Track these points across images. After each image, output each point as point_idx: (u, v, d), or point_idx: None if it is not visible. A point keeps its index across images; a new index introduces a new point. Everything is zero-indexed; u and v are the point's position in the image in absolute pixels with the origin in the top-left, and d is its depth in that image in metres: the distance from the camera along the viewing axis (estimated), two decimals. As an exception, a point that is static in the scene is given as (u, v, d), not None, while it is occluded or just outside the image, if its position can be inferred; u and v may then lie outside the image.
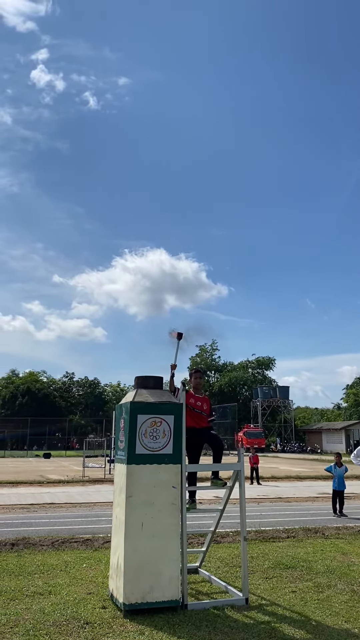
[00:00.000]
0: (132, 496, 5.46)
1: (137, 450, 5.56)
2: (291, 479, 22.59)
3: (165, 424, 5.68)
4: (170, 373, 6.27)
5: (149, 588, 5.32)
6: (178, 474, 5.65)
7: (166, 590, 5.36)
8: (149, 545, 5.40)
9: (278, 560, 7.58)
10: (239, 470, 6.06)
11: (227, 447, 58.38)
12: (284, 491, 17.74)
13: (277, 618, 5.26)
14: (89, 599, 5.71)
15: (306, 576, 6.80)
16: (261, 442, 56.48)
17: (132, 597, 5.25)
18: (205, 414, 6.39)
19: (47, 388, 75.10)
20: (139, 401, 5.71)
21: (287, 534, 9.64)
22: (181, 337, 6.40)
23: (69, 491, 17.15)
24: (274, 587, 6.33)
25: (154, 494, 5.51)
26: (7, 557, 7.67)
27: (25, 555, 7.84)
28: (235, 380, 73.94)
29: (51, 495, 15.79)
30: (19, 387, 71.91)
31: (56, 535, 9.33)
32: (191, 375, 6.60)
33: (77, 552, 8.06)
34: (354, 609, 5.53)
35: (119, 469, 5.90)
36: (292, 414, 69.57)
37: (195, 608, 5.48)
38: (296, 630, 4.92)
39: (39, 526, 10.52)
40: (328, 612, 5.46)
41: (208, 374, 78.57)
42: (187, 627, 4.95)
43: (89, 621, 5.05)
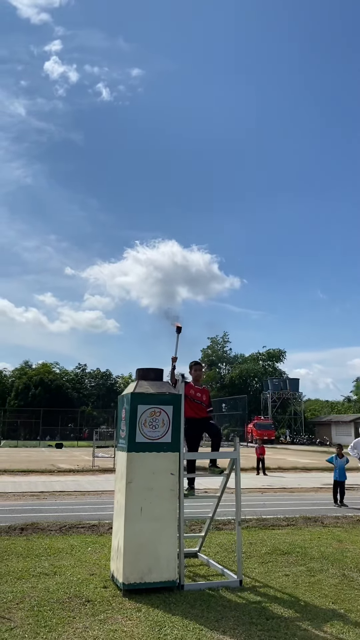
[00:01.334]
0: (132, 482, 5.76)
1: (137, 439, 5.85)
2: (297, 470, 22.86)
3: (164, 414, 5.97)
4: (172, 365, 6.54)
5: (147, 569, 5.62)
6: (176, 461, 5.94)
7: (164, 571, 5.66)
8: (147, 528, 5.70)
9: (275, 547, 7.86)
10: (235, 459, 6.32)
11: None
12: (289, 482, 18.02)
13: (268, 598, 5.55)
14: (91, 579, 6.04)
15: (300, 561, 7.07)
16: (271, 433, 56.74)
17: (131, 577, 5.56)
18: (204, 405, 6.65)
19: (59, 379, 75.89)
20: (139, 392, 6.00)
21: (287, 522, 9.92)
22: (180, 331, 6.66)
23: (79, 480, 17.57)
24: (268, 570, 6.61)
25: (153, 480, 5.80)
26: (16, 541, 8.02)
27: (34, 539, 8.19)
28: (245, 372, 74.18)
29: (61, 484, 16.20)
30: (32, 379, 72.74)
31: (64, 521, 9.68)
32: (191, 368, 6.86)
33: (83, 537, 8.40)
34: (342, 592, 5.80)
35: (120, 456, 6.21)
36: (302, 406, 69.68)
37: (191, 589, 5.78)
38: (285, 610, 5.20)
39: (48, 512, 10.89)
40: (317, 594, 5.74)
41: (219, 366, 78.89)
42: (182, 605, 5.25)
43: (90, 599, 5.37)
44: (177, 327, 6.67)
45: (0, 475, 18.80)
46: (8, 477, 18.33)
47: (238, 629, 4.66)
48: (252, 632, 4.58)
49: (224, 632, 4.57)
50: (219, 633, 4.55)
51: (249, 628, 4.68)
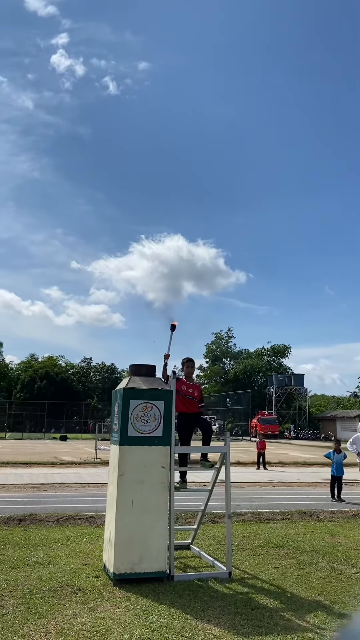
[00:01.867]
0: (123, 475, 5.89)
1: (129, 433, 5.98)
2: (298, 465, 22.98)
3: (155, 409, 6.09)
4: (164, 362, 6.65)
5: (138, 560, 5.76)
6: (167, 455, 6.06)
7: (154, 562, 5.80)
8: (138, 520, 5.83)
9: (268, 540, 7.98)
10: (225, 453, 6.44)
11: (240, 433, 59.14)
12: (289, 476, 18.14)
13: (256, 590, 5.68)
14: (84, 569, 6.18)
15: (291, 554, 7.20)
16: (275, 428, 56.93)
17: (121, 567, 5.70)
18: (196, 400, 6.76)
19: (65, 372, 76.31)
20: (131, 388, 6.12)
21: (282, 516, 10.04)
22: (174, 329, 6.77)
23: (80, 472, 17.76)
24: (258, 563, 6.74)
25: (144, 473, 5.93)
26: (13, 531, 8.19)
27: (31, 529, 8.35)
28: (250, 367, 74.28)
29: (62, 476, 16.39)
30: (38, 371, 73.18)
31: (62, 512, 9.85)
32: (183, 364, 6.97)
33: (79, 528, 8.56)
34: (329, 584, 5.92)
35: (113, 449, 6.34)
36: (307, 402, 69.75)
37: (181, 579, 5.91)
38: (270, 600, 5.33)
39: (47, 504, 11.07)
40: (304, 586, 5.86)
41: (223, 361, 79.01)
42: (170, 595, 5.39)
43: (82, 588, 5.51)
44: (172, 325, 6.78)
45: (3, 467, 19.03)
46: (11, 469, 18.55)
47: (222, 618, 4.80)
48: (236, 622, 4.71)
49: (208, 621, 4.70)
50: (204, 622, 4.68)
51: (233, 618, 4.81)
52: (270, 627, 4.62)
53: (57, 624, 4.54)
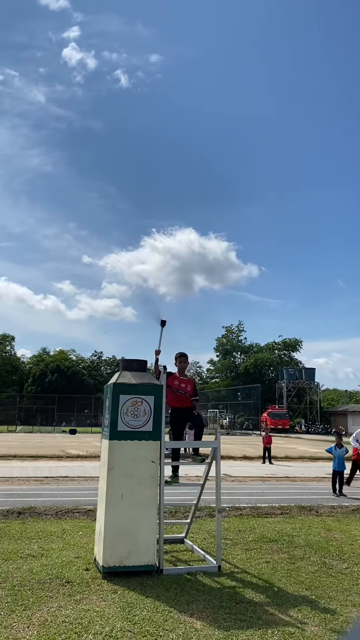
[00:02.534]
0: (113, 469, 5.93)
1: (119, 427, 6.01)
2: (304, 459, 22.95)
3: (145, 403, 6.11)
4: (155, 358, 6.67)
5: (127, 553, 5.80)
6: (157, 450, 6.09)
7: (143, 556, 5.84)
8: (127, 514, 5.87)
9: (263, 534, 7.99)
10: (215, 448, 6.46)
11: (250, 427, 59.12)
12: (293, 471, 18.13)
13: (243, 584, 5.70)
14: (75, 562, 6.24)
15: (284, 549, 7.21)
16: (285, 423, 56.86)
17: (110, 560, 5.75)
18: (188, 395, 6.78)
19: (76, 366, 76.65)
20: (121, 382, 6.15)
21: (281, 511, 10.04)
22: (164, 324, 6.77)
23: (85, 465, 17.89)
24: (250, 557, 6.76)
25: (134, 468, 5.97)
26: (11, 524, 8.28)
27: (29, 522, 8.44)
28: (261, 361, 74.14)
29: (66, 469, 16.53)
30: (49, 365, 73.59)
31: (61, 505, 9.94)
32: (176, 359, 6.99)
33: (76, 521, 8.63)
34: (318, 579, 5.92)
35: (103, 444, 6.38)
36: (319, 396, 69.50)
37: (170, 573, 5.95)
38: (257, 595, 5.35)
39: (48, 497, 11.17)
40: (293, 580, 5.87)
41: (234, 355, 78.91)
42: (157, 588, 5.42)
43: (70, 580, 5.57)
44: (161, 321, 6.79)
45: (10, 460, 19.22)
46: (17, 462, 18.74)
47: (206, 611, 4.82)
48: (219, 615, 4.73)
49: (191, 615, 4.73)
50: (187, 615, 4.71)
51: (217, 611, 4.83)
52: (252, 621, 4.64)
53: (41, 616, 4.60)
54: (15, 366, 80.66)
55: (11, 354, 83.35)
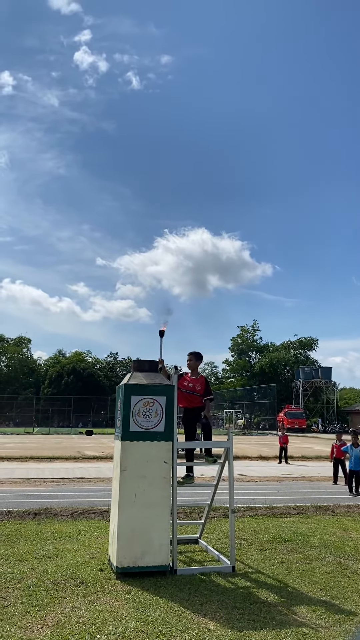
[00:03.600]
0: (126, 470, 5.94)
1: (130, 428, 6.02)
2: (321, 459, 22.75)
3: (157, 404, 6.12)
4: (158, 367, 6.62)
5: (141, 553, 5.81)
6: (169, 450, 6.09)
7: (156, 556, 5.84)
8: (141, 515, 5.88)
9: (278, 534, 7.96)
10: (228, 448, 6.44)
11: (267, 427, 58.86)
12: (310, 470, 18.02)
13: (257, 584, 5.68)
14: (89, 563, 6.27)
15: (299, 549, 7.16)
16: (302, 422, 56.52)
17: (124, 561, 5.76)
18: (197, 394, 6.76)
19: (91, 368, 77.13)
20: (133, 383, 6.16)
21: (296, 511, 9.99)
22: (163, 334, 6.74)
23: (101, 467, 17.95)
24: (264, 557, 6.73)
25: (147, 468, 5.97)
26: (27, 525, 8.34)
27: (44, 523, 8.49)
28: (276, 360, 73.86)
29: (82, 470, 16.61)
30: (65, 367, 74.14)
31: (77, 506, 9.99)
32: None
33: (92, 522, 8.66)
34: (333, 579, 5.88)
35: (116, 445, 6.39)
36: (336, 395, 69.00)
37: (184, 573, 5.95)
38: (271, 595, 5.33)
39: (64, 498, 11.24)
40: (308, 580, 5.83)
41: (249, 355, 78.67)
42: (171, 589, 5.42)
43: (85, 581, 5.60)
44: (160, 331, 6.76)
45: (27, 461, 19.37)
46: (34, 463, 18.87)
47: (219, 612, 4.81)
48: (232, 616, 4.72)
49: (205, 615, 4.72)
50: (200, 616, 4.71)
51: (230, 612, 4.82)
52: (266, 621, 4.62)
53: (55, 616, 4.62)
54: (32, 368, 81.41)
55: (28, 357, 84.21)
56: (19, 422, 60.40)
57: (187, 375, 6.83)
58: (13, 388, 73.65)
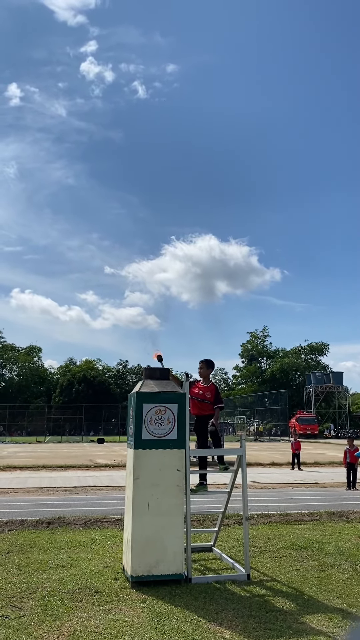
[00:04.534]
0: (139, 478, 5.94)
1: (143, 436, 6.02)
2: (334, 465, 22.60)
3: (169, 412, 6.12)
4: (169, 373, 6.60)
5: (155, 562, 5.79)
6: (182, 458, 6.08)
7: (171, 564, 5.82)
8: (154, 523, 5.86)
9: (292, 541, 7.90)
10: (241, 455, 6.42)
11: (279, 433, 58.52)
12: (323, 477, 17.89)
13: (273, 592, 5.63)
14: (104, 572, 6.26)
15: (314, 556, 7.10)
16: (314, 428, 56.22)
17: (139, 569, 5.75)
18: (208, 402, 6.75)
19: (102, 376, 77.23)
20: (144, 391, 6.17)
21: (310, 517, 9.92)
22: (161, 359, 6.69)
23: (113, 475, 17.94)
24: (279, 565, 6.68)
25: (160, 477, 5.96)
26: (41, 534, 8.35)
27: (58, 532, 8.50)
28: (287, 366, 73.53)
29: (95, 479, 16.61)
30: (76, 375, 74.31)
31: (90, 515, 9.99)
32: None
33: (105, 531, 8.65)
34: (349, 587, 5.82)
35: (129, 453, 6.39)
36: (348, 400, 68.55)
37: (199, 582, 5.91)
38: (287, 603, 5.28)
39: (76, 507, 11.24)
40: (324, 588, 5.78)
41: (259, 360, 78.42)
42: (186, 597, 5.40)
43: (99, 590, 5.58)
44: (157, 356, 6.70)
45: (39, 470, 19.40)
46: (46, 472, 18.90)
47: (235, 621, 4.78)
48: (249, 625, 4.68)
49: (220, 624, 4.69)
50: (216, 624, 4.68)
51: (246, 620, 4.79)
52: (283, 630, 4.58)
53: (71, 626, 4.61)
54: (42, 377, 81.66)
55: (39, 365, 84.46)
56: (30, 431, 60.56)
57: (199, 383, 6.83)
58: (24, 397, 73.87)
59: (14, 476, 17.59)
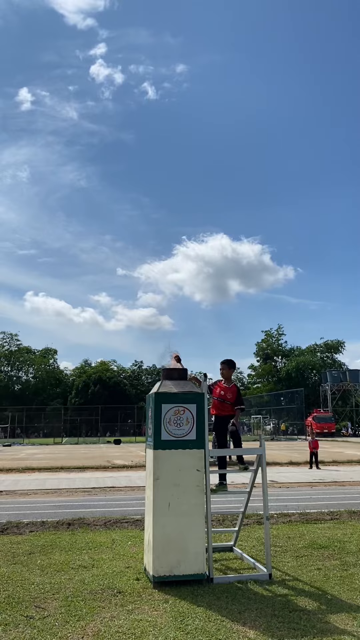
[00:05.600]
0: (159, 479, 5.95)
1: (162, 437, 6.03)
2: (353, 463, 22.45)
3: (188, 412, 6.12)
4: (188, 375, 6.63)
5: (176, 562, 5.80)
6: (202, 458, 6.08)
7: (192, 564, 5.83)
8: (175, 523, 5.87)
9: (313, 541, 7.86)
10: (261, 455, 6.40)
11: (295, 432, 58.26)
12: (342, 475, 17.77)
13: (296, 592, 5.61)
14: (125, 572, 6.28)
15: (336, 555, 7.07)
16: (331, 426, 55.82)
17: (160, 570, 5.76)
18: (229, 403, 6.76)
19: (117, 376, 77.47)
20: (163, 392, 6.18)
21: (330, 516, 9.86)
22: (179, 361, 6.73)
23: (131, 476, 17.98)
24: (301, 564, 6.65)
25: (179, 477, 5.97)
26: (61, 535, 8.40)
27: (78, 533, 8.55)
28: (303, 364, 73.14)
29: (113, 480, 16.66)
30: (91, 377, 74.63)
31: (110, 516, 10.03)
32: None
33: (125, 531, 8.68)
34: (373, 586, 5.78)
35: (148, 454, 6.41)
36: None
37: (221, 582, 5.91)
38: (310, 602, 5.26)
39: (96, 508, 11.29)
40: (347, 587, 5.74)
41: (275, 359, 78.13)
42: (208, 597, 5.40)
43: (122, 590, 5.61)
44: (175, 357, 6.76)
45: (58, 472, 19.51)
46: (64, 473, 19.00)
47: (259, 620, 4.77)
48: (272, 624, 4.67)
49: (244, 624, 4.69)
50: (239, 624, 4.67)
51: (270, 620, 4.78)
52: (307, 629, 4.57)
53: (95, 626, 4.64)
54: (58, 379, 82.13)
55: (54, 367, 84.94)
56: (47, 433, 60.96)
57: (220, 383, 6.85)
58: (41, 399, 74.34)
59: (33, 478, 17.72)
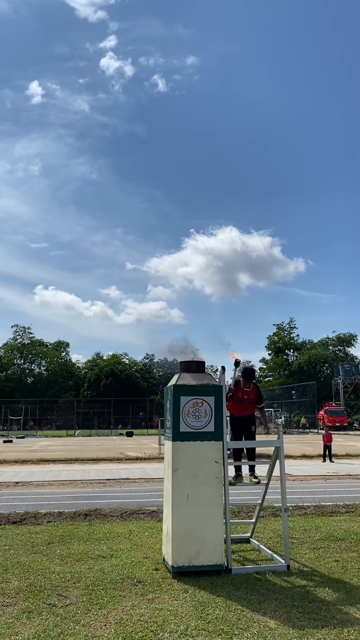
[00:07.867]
0: (177, 470, 6.00)
1: (181, 429, 6.08)
2: (366, 456, 22.41)
3: (206, 404, 6.16)
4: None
5: (195, 553, 5.86)
6: (220, 450, 6.12)
7: (211, 555, 5.88)
8: (194, 514, 5.92)
9: (329, 533, 7.89)
10: (279, 447, 6.43)
11: (307, 426, 58.17)
12: (356, 469, 17.75)
13: (314, 583, 5.65)
14: (144, 562, 6.35)
15: (353, 547, 7.09)
16: (343, 420, 55.66)
17: (179, 560, 5.82)
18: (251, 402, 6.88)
19: (129, 370, 77.71)
20: (181, 384, 6.22)
21: (346, 509, 9.88)
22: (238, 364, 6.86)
23: (145, 467, 18.10)
24: (318, 556, 6.68)
25: (198, 468, 6.02)
26: (79, 526, 8.50)
27: (96, 524, 8.63)
28: (315, 358, 72.92)
29: (127, 471, 16.78)
30: (103, 370, 74.97)
31: (126, 507, 10.11)
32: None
33: (142, 522, 8.76)
34: (391, 578, 5.79)
35: (167, 445, 6.46)
36: (378, 391, 67.65)
37: (239, 572, 5.96)
38: (329, 593, 5.29)
39: (112, 499, 11.38)
40: (365, 579, 5.77)
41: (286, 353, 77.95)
42: (228, 587, 5.45)
43: (142, 580, 5.68)
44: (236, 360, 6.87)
45: (72, 464, 19.69)
46: (79, 465, 19.17)
47: (278, 610, 4.82)
48: (292, 614, 4.71)
49: (264, 614, 4.73)
50: (259, 614, 4.72)
51: (289, 610, 4.82)
52: (327, 620, 4.60)
53: (117, 615, 4.71)
54: (70, 372, 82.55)
55: (67, 360, 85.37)
56: (60, 425, 61.44)
57: (241, 387, 6.92)
58: (53, 391, 74.82)
59: (47, 469, 17.89)
